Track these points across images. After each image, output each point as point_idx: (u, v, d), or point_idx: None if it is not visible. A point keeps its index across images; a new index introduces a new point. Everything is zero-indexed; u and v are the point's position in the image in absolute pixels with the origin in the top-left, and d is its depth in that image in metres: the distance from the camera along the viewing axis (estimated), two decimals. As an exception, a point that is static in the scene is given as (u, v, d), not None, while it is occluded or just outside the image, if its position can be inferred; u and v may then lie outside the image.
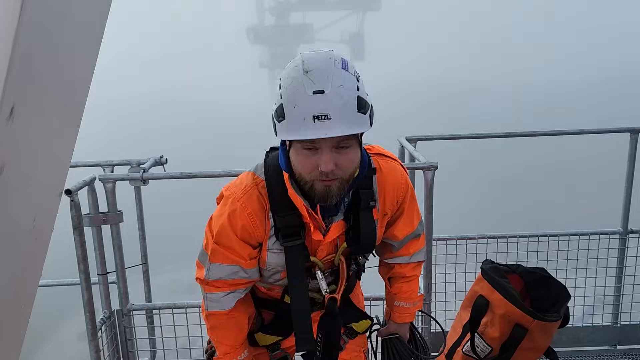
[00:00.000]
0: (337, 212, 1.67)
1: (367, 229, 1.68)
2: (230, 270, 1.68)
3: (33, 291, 0.97)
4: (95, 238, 2.72)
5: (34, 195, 0.87)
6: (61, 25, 0.74)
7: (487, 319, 2.37)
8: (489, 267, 2.44)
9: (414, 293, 1.98)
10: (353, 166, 1.53)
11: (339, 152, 1.47)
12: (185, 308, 2.90)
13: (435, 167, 2.66)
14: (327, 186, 1.51)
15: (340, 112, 1.40)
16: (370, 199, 1.66)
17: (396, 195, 1.77)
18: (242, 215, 1.62)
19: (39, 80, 0.73)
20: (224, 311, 1.74)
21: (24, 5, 0.64)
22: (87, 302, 2.60)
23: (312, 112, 1.39)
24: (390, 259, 1.94)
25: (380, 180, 1.71)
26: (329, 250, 1.73)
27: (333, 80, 1.40)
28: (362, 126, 1.46)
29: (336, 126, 1.39)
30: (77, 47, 0.81)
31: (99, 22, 0.83)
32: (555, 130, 3.89)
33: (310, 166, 1.48)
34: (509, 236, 3.42)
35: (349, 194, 1.66)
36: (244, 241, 1.65)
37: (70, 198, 2.43)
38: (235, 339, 1.79)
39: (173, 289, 14.81)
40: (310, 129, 1.39)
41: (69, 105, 0.85)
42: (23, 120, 0.72)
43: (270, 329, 1.89)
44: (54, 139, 0.85)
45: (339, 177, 1.51)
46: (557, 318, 2.29)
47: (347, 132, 1.41)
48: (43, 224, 0.91)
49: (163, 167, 3.00)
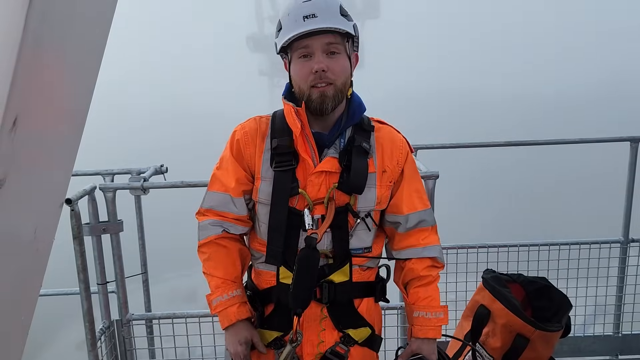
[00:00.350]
0: (331, 147, 1.77)
1: (357, 166, 1.72)
2: (221, 199, 1.82)
3: (33, 302, 0.97)
4: (95, 247, 2.72)
5: (36, 206, 0.87)
6: (64, 38, 0.74)
7: (488, 328, 2.36)
8: (490, 276, 2.43)
9: (434, 300, 1.88)
10: (343, 74, 1.70)
11: (330, 58, 1.67)
12: (185, 318, 2.88)
13: (436, 176, 2.65)
14: (322, 92, 1.68)
15: (325, 12, 1.65)
16: (364, 141, 1.76)
17: (395, 154, 1.82)
18: (239, 133, 1.83)
19: (42, 91, 0.73)
20: (211, 236, 1.82)
21: (28, 18, 0.64)
22: (86, 311, 2.59)
23: (301, 14, 1.64)
24: (401, 250, 1.88)
25: (378, 137, 1.83)
26: (319, 190, 1.74)
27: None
28: (345, 26, 1.67)
29: (322, 22, 1.63)
30: (80, 59, 0.81)
31: (101, 35, 0.84)
32: (556, 139, 3.89)
33: (307, 71, 1.68)
34: (510, 245, 3.41)
35: (344, 134, 1.78)
36: (237, 160, 1.81)
37: (70, 207, 2.42)
38: (225, 271, 1.82)
39: (172, 298, 14.77)
40: (301, 26, 1.63)
41: (71, 116, 0.85)
42: (26, 132, 0.72)
43: (268, 323, 1.86)
44: (56, 150, 0.85)
45: (333, 83, 1.68)
46: (558, 328, 2.28)
47: (331, 25, 1.63)
48: (44, 235, 0.91)
49: (163, 176, 3.00)
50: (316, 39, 1.65)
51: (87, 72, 0.84)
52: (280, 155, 1.75)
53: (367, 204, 1.78)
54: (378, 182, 1.79)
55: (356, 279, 1.83)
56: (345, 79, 1.72)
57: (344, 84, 1.72)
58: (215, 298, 1.82)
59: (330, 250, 1.78)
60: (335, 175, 1.74)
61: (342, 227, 1.77)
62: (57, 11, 0.70)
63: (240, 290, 1.84)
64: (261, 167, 1.78)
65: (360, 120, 1.82)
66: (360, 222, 1.79)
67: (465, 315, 2.52)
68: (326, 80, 1.68)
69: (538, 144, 3.83)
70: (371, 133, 1.82)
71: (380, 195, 1.79)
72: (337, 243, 1.78)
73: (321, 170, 1.74)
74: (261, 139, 1.80)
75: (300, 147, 1.73)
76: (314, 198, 1.75)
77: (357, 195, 1.76)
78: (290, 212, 1.75)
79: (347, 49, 1.72)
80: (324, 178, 1.75)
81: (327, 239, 1.77)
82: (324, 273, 1.78)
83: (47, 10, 0.67)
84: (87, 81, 0.85)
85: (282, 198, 1.75)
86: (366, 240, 1.84)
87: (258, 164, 1.79)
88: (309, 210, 1.74)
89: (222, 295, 1.81)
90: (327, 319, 1.82)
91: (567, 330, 2.36)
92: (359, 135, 1.78)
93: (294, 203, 1.76)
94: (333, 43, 1.67)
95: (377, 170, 1.79)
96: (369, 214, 1.80)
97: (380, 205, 1.81)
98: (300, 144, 1.73)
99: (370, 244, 1.86)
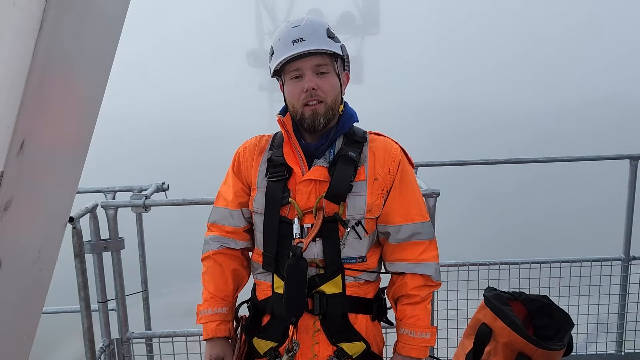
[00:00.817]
0: (321, 157, 1.82)
1: (340, 174, 1.76)
2: (222, 214, 1.94)
3: (35, 322, 0.97)
4: (96, 265, 2.71)
5: (40, 226, 0.87)
6: (72, 63, 0.76)
7: (490, 347, 2.34)
8: (491, 294, 2.42)
9: (421, 320, 1.85)
10: (333, 92, 1.79)
11: (320, 77, 1.77)
12: (186, 336, 2.87)
13: (437, 194, 2.66)
14: (314, 110, 1.77)
15: (313, 35, 1.75)
16: (351, 150, 1.81)
17: (387, 162, 1.84)
18: (241, 149, 1.96)
19: (49, 115, 0.74)
20: (210, 251, 1.93)
21: (37, 44, 0.65)
22: (87, 330, 2.57)
23: (290, 38, 1.75)
24: (393, 263, 1.87)
25: (372, 147, 1.87)
26: (309, 199, 1.78)
27: (306, 20, 1.79)
28: (333, 47, 1.77)
29: (310, 45, 1.73)
30: (86, 83, 0.83)
31: (107, 59, 0.85)
32: (556, 157, 3.91)
33: (299, 91, 1.77)
34: (511, 262, 3.40)
35: (334, 145, 1.83)
36: (236, 174, 1.93)
37: (72, 225, 2.43)
38: (216, 288, 1.92)
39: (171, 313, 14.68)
40: (291, 49, 1.74)
41: (76, 139, 0.86)
42: (32, 155, 0.73)
43: (264, 333, 1.86)
44: (61, 172, 0.86)
45: (323, 101, 1.77)
46: (560, 347, 2.27)
47: (319, 47, 1.73)
48: (48, 255, 0.92)
49: (165, 193, 3.01)
50: (306, 61, 1.75)
51: (93, 96, 0.86)
52: (274, 167, 1.84)
53: (356, 212, 1.78)
54: (369, 190, 1.79)
55: (350, 293, 1.81)
56: (335, 97, 1.81)
57: (334, 101, 1.80)
58: (202, 310, 1.92)
59: (320, 259, 1.78)
60: (325, 184, 1.77)
61: (332, 236, 1.78)
62: (65, 37, 0.72)
63: (226, 308, 1.92)
64: (257, 179, 1.87)
65: (350, 131, 1.87)
66: (350, 231, 1.78)
67: (467, 334, 2.50)
68: (317, 98, 1.76)
69: (538, 161, 3.84)
70: (364, 144, 1.86)
71: (371, 203, 1.79)
72: (327, 252, 1.78)
73: (309, 179, 1.78)
74: (259, 152, 1.91)
75: (288, 156, 1.81)
76: (304, 207, 1.78)
77: (346, 203, 1.77)
78: (282, 221, 1.80)
79: (336, 68, 1.82)
80: (313, 187, 1.78)
81: (317, 248, 1.78)
82: (315, 283, 1.78)
83: (55, 36, 0.69)
84: (93, 105, 0.86)
85: (274, 207, 1.81)
86: (359, 250, 1.82)
87: (254, 175, 1.88)
88: (299, 219, 1.78)
89: (207, 309, 1.91)
90: (320, 332, 1.81)
91: (569, 349, 2.35)
92: (348, 146, 1.83)
93: (285, 212, 1.80)
94: (322, 64, 1.77)
95: (367, 178, 1.80)
96: (359, 222, 1.79)
97: (372, 213, 1.80)
98: (287, 153, 1.82)
99: (365, 254, 1.84)
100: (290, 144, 1.82)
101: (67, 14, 0.70)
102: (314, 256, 1.78)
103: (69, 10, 0.70)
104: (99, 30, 0.81)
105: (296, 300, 1.74)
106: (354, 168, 1.78)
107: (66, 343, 10.44)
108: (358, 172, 1.79)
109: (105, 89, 0.88)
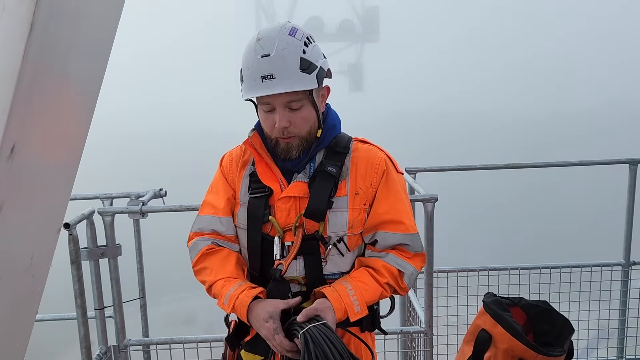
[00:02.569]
0: (301, 172, 1.74)
1: (317, 192, 1.68)
2: (209, 221, 1.82)
3: (28, 329, 0.96)
4: (93, 272, 2.70)
5: (33, 232, 0.86)
6: (64, 66, 0.75)
7: (490, 353, 2.32)
8: (490, 300, 2.40)
9: (366, 291, 1.67)
10: (308, 124, 1.70)
11: (292, 112, 1.66)
12: (183, 343, 2.85)
13: (435, 200, 2.65)
14: (288, 142, 1.70)
15: (283, 71, 1.59)
16: (330, 165, 1.72)
17: (369, 175, 1.75)
18: (226, 159, 1.88)
19: (40, 119, 0.73)
20: (201, 250, 1.80)
21: (27, 47, 0.64)
22: (83, 337, 2.56)
23: (260, 73, 1.60)
24: (369, 255, 1.79)
25: (354, 157, 1.77)
26: (288, 215, 1.71)
27: (278, 45, 1.60)
28: (305, 84, 1.62)
29: (279, 85, 1.59)
30: (79, 87, 0.82)
31: (100, 62, 0.85)
32: (555, 162, 3.90)
33: (271, 125, 1.68)
34: (511, 268, 3.39)
35: (315, 159, 1.75)
36: (226, 179, 1.84)
37: (68, 232, 2.42)
38: (223, 270, 1.75)
39: (171, 321, 14.62)
40: (260, 88, 1.61)
41: (69, 144, 0.85)
42: (23, 159, 0.72)
43: (251, 346, 1.79)
44: (53, 177, 0.85)
45: (297, 135, 1.69)
46: (561, 353, 2.25)
47: (289, 89, 1.60)
48: (41, 261, 0.91)
49: (162, 199, 3.00)
50: (276, 97, 1.63)
51: (86, 100, 0.85)
52: (256, 182, 1.76)
53: (337, 229, 1.72)
54: (350, 205, 1.72)
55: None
56: (310, 127, 1.71)
57: (309, 132, 1.72)
58: (223, 298, 1.71)
59: (302, 276, 1.73)
60: (305, 200, 1.70)
61: (314, 253, 1.72)
62: (57, 40, 0.71)
63: (243, 281, 1.74)
64: (240, 192, 1.80)
65: (332, 142, 1.77)
66: (332, 248, 1.72)
67: (466, 340, 2.48)
68: (289, 135, 1.68)
69: (537, 166, 3.84)
70: (346, 155, 1.76)
71: (353, 219, 1.72)
72: (309, 270, 1.72)
73: (288, 196, 1.71)
74: (242, 165, 1.83)
75: (262, 175, 1.74)
76: (284, 224, 1.72)
77: (327, 220, 1.70)
78: (264, 238, 1.74)
79: (312, 98, 1.69)
80: (292, 203, 1.72)
81: (299, 266, 1.73)
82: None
83: (46, 39, 0.68)
84: (86, 109, 0.86)
85: (256, 224, 1.75)
86: (342, 266, 1.76)
87: (237, 189, 1.81)
88: (280, 238, 1.72)
89: (229, 290, 1.70)
90: None
91: (570, 354, 2.33)
92: (329, 158, 1.74)
93: (267, 229, 1.75)
94: (294, 100, 1.65)
95: (348, 194, 1.73)
96: (341, 239, 1.72)
97: (354, 229, 1.73)
98: (261, 172, 1.74)
99: (348, 269, 1.78)
100: (263, 162, 1.75)
101: (58, 17, 0.69)
102: (295, 273, 1.73)
103: (59, 13, 0.70)
104: (92, 34, 0.80)
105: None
106: (334, 183, 1.70)
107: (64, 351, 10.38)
108: (339, 186, 1.71)
109: (99, 94, 0.88)
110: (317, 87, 1.67)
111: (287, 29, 1.64)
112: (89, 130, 0.88)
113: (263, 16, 37.44)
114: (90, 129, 0.90)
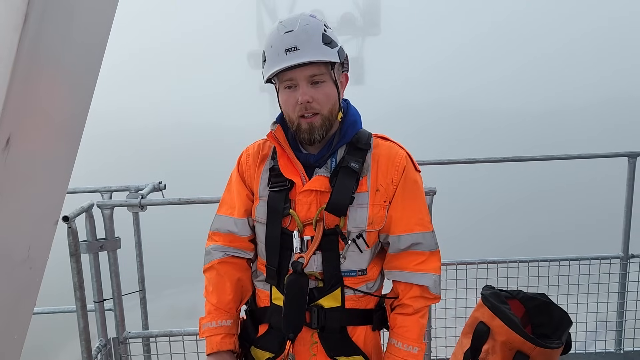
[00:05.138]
0: (322, 166, 1.76)
1: (340, 187, 1.70)
2: (226, 222, 1.87)
3: (27, 321, 0.96)
4: (92, 264, 2.71)
5: (30, 224, 0.86)
6: (59, 55, 0.75)
7: (488, 346, 2.33)
8: (489, 292, 2.41)
9: (410, 332, 1.76)
10: (330, 102, 1.70)
11: (315, 87, 1.68)
12: (183, 336, 2.86)
13: (434, 192, 2.66)
14: (310, 123, 1.70)
15: (307, 43, 1.63)
16: (353, 161, 1.73)
17: (390, 172, 1.76)
18: (244, 156, 1.89)
19: (36, 110, 0.73)
20: (213, 261, 1.86)
21: (22, 36, 0.64)
22: (82, 330, 2.57)
23: (283, 47, 1.63)
24: (390, 271, 1.82)
25: (375, 154, 1.79)
26: (309, 210, 1.72)
27: (300, 22, 1.66)
28: (328, 56, 1.66)
29: (304, 55, 1.62)
30: (75, 76, 0.82)
31: (98, 52, 0.84)
32: (553, 155, 3.90)
33: (293, 102, 1.69)
34: (509, 261, 3.39)
35: (336, 154, 1.76)
36: (241, 179, 1.86)
37: (67, 225, 2.42)
38: (219, 299, 1.84)
39: (172, 315, 14.66)
40: (284, 60, 1.63)
41: (66, 134, 0.85)
42: (19, 150, 0.72)
43: (261, 342, 1.84)
44: (50, 168, 0.85)
45: (319, 113, 1.69)
46: (558, 345, 2.26)
47: (313, 58, 1.63)
48: (38, 253, 0.91)
49: (161, 192, 3.00)
50: (299, 71, 1.65)
51: (82, 92, 0.85)
52: (276, 176, 1.77)
53: (357, 225, 1.73)
54: (371, 202, 1.74)
55: (350, 306, 1.77)
56: (331, 106, 1.72)
57: (330, 111, 1.72)
58: (205, 323, 1.84)
59: (319, 272, 1.75)
60: (326, 194, 1.71)
61: (332, 249, 1.73)
62: (52, 29, 0.71)
63: (231, 321, 1.84)
64: (259, 187, 1.81)
65: (354, 138, 1.78)
66: (351, 244, 1.73)
67: (464, 332, 2.50)
68: (312, 111, 1.69)
69: (536, 159, 3.84)
70: (367, 151, 1.77)
71: (373, 215, 1.74)
72: (327, 265, 1.74)
73: (310, 189, 1.72)
74: (261, 160, 1.84)
75: (284, 168, 1.74)
76: (304, 218, 1.73)
77: (347, 215, 1.71)
78: (283, 233, 1.75)
79: (333, 75, 1.72)
80: (314, 197, 1.73)
81: (317, 261, 1.74)
82: (313, 296, 1.74)
83: (41, 28, 0.68)
84: (83, 99, 0.85)
85: (275, 218, 1.76)
86: (360, 263, 1.78)
87: (256, 184, 1.82)
88: (299, 232, 1.73)
89: (211, 322, 1.83)
90: (318, 345, 1.78)
91: (568, 347, 2.34)
92: (351, 154, 1.75)
93: (286, 224, 1.76)
94: (317, 74, 1.67)
95: (369, 190, 1.74)
96: (360, 235, 1.74)
97: (373, 225, 1.75)
98: (283, 165, 1.75)
99: (365, 267, 1.80)
100: (285, 155, 1.76)
101: (54, 7, 0.69)
102: (312, 269, 1.74)
103: (55, 3, 0.69)
104: (88, 25, 0.80)
105: (295, 316, 1.72)
106: (356, 179, 1.72)
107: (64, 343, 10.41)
108: (360, 182, 1.73)
109: (96, 85, 0.87)
110: (339, 62, 1.71)
111: (307, 14, 1.71)
112: (86, 121, 0.87)
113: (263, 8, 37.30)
114: (89, 123, 0.90)
